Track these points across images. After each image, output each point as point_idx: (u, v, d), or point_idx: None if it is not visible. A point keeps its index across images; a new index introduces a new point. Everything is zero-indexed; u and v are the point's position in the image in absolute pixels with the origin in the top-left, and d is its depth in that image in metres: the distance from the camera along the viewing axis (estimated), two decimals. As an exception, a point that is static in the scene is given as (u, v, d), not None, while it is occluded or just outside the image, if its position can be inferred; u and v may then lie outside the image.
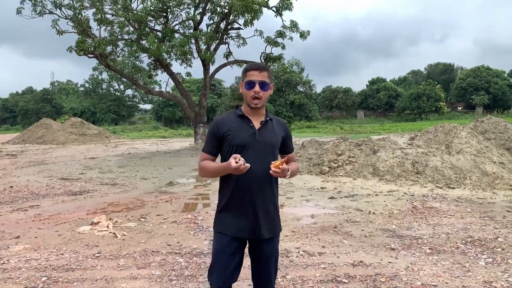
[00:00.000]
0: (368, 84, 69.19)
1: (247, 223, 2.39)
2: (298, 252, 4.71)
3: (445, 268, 4.18)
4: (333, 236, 5.38)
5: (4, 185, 10.30)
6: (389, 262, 4.38)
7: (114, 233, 5.70)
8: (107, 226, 6.05)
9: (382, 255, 4.59)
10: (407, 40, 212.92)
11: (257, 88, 2.38)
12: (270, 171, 2.27)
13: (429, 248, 4.80)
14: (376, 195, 8.05)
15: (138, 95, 65.25)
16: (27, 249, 5.04)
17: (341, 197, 7.90)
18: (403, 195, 7.92)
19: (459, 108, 63.08)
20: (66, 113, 55.16)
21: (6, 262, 4.54)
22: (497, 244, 4.91)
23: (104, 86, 63.89)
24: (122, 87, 63.42)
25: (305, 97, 45.87)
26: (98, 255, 4.75)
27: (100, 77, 61.97)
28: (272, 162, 2.31)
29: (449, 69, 78.68)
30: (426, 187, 8.56)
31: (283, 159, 2.34)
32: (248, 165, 2.20)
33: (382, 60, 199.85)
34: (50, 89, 72.79)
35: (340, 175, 9.95)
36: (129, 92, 64.35)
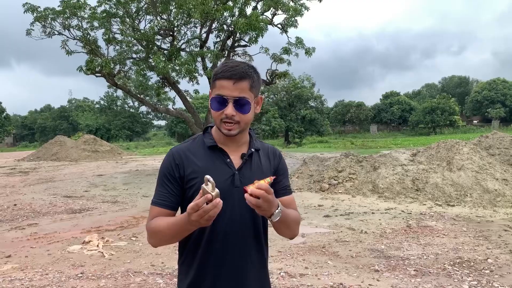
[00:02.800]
0: (381, 98, 68.88)
1: None
2: (279, 273, 4.67)
3: (425, 291, 4.09)
4: (319, 256, 5.32)
5: (9, 202, 10.50)
6: (369, 284, 4.31)
7: (102, 252, 5.75)
8: (97, 245, 6.11)
9: (364, 277, 4.52)
10: (423, 53, 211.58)
11: (229, 109, 1.48)
12: (246, 195, 1.33)
13: (414, 270, 4.70)
14: (372, 213, 7.94)
15: (152, 111, 66.21)
16: (15, 269, 5.11)
17: (336, 215, 7.82)
18: (400, 213, 7.79)
19: (475, 121, 62.11)
20: (82, 130, 56.23)
21: (-10, 282, 4.62)
22: (486, 265, 4.79)
23: (118, 103, 65.08)
24: (136, 104, 64.44)
25: (316, 112, 45.83)
26: (81, 275, 4.79)
27: (115, 94, 63.18)
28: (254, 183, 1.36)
29: (464, 82, 77.80)
30: (425, 204, 8.41)
31: (271, 177, 1.46)
32: (217, 200, 1.27)
33: (397, 73, 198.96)
34: (67, 106, 74.49)
35: (339, 192, 9.87)
36: (143, 108, 65.32)
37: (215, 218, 1.32)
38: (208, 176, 1.27)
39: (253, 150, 1.60)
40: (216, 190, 1.27)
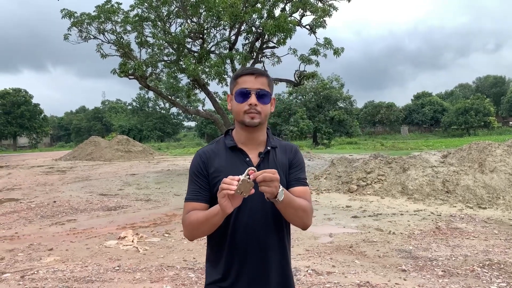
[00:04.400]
0: (413, 98, 67.46)
1: None
2: (307, 271, 4.79)
3: (452, 291, 4.11)
4: (346, 255, 5.40)
5: (49, 199, 11.06)
6: (396, 283, 4.36)
7: (137, 247, 6.03)
8: (132, 241, 6.40)
9: (391, 276, 4.57)
10: (456, 52, 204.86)
11: (253, 99, 1.66)
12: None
13: (442, 271, 4.72)
14: (401, 214, 7.92)
15: (183, 113, 67.40)
16: (57, 261, 5.45)
17: (365, 216, 7.84)
18: (429, 215, 7.74)
19: (511, 123, 59.82)
20: (115, 130, 57.89)
21: (35, 272, 4.96)
22: (517, 268, 4.74)
23: (150, 104, 66.58)
24: (167, 105, 65.77)
25: (345, 112, 45.40)
26: (118, 268, 5.07)
27: (146, 96, 64.69)
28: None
29: (500, 82, 75.03)
30: (455, 206, 8.30)
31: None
32: (236, 178, 1.45)
33: (429, 73, 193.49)
34: (101, 108, 76.88)
35: (368, 194, 9.85)
36: (174, 110, 66.58)
37: (238, 211, 1.58)
38: (251, 168, 1.49)
39: (269, 148, 1.74)
40: (245, 179, 1.44)
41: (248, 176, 1.46)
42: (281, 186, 1.52)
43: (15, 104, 61.00)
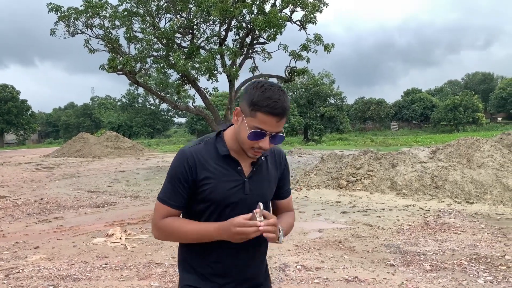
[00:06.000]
0: (403, 95, 67.91)
1: None
2: (296, 266, 4.78)
3: (440, 285, 4.13)
4: (335, 251, 5.40)
5: (36, 197, 10.91)
6: (384, 278, 4.37)
7: (125, 244, 5.96)
8: (120, 238, 6.33)
9: (379, 271, 4.58)
10: (447, 48, 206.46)
11: (266, 143, 1.54)
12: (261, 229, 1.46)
13: (429, 265, 4.74)
14: (390, 209, 7.96)
15: (172, 109, 67.08)
16: (43, 259, 5.37)
17: (354, 212, 7.86)
18: (418, 210, 7.78)
19: (499, 119, 60.64)
20: (104, 127, 57.40)
21: (20, 271, 4.88)
22: (503, 261, 4.78)
23: (140, 100, 66.13)
24: (157, 101, 65.37)
25: (336, 109, 45.60)
26: (105, 266, 5.01)
27: (136, 92, 64.22)
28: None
29: (488, 78, 75.97)
30: (444, 202, 8.36)
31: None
32: (262, 230, 1.47)
33: (419, 69, 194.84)
34: (90, 104, 76.15)
35: (357, 189, 9.88)
36: (164, 106, 66.23)
37: (230, 215, 1.56)
38: (260, 204, 1.49)
39: (263, 159, 1.68)
40: (262, 218, 1.47)
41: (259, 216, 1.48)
42: (280, 229, 1.53)
43: (1, 100, 60.15)
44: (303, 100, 45.57)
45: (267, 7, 17.17)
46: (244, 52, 18.83)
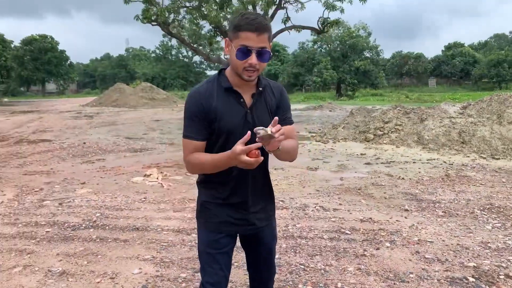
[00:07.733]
0: (443, 49, 64.79)
1: (241, 217, 1.96)
2: (315, 207, 5.19)
3: (448, 228, 4.44)
4: (353, 196, 5.76)
5: (79, 141, 11.74)
6: (397, 220, 4.72)
7: (161, 183, 6.55)
8: (157, 178, 6.93)
9: (393, 215, 4.93)
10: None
11: (254, 59, 1.72)
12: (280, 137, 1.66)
13: (442, 211, 5.03)
14: (413, 162, 8.16)
15: (205, 61, 67.14)
16: (89, 192, 6.04)
17: (377, 164, 8.12)
18: (441, 164, 7.95)
19: (547, 76, 57.11)
20: (139, 78, 58.53)
21: (71, 201, 5.55)
22: (516, 212, 5.00)
23: (173, 52, 66.50)
24: (190, 53, 65.54)
25: (371, 63, 44.39)
26: (144, 200, 5.60)
27: (169, 44, 64.49)
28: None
29: (540, 32, 70.83)
30: (468, 157, 8.46)
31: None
32: (260, 159, 1.67)
33: (466, 21, 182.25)
34: (125, 55, 77.26)
35: (384, 143, 10.06)
36: (196, 58, 66.41)
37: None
38: (258, 130, 1.63)
39: (260, 89, 1.87)
40: (269, 134, 1.62)
41: (270, 130, 1.61)
42: (268, 130, 1.67)
43: (42, 51, 61.96)
44: (337, 53, 44.54)
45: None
46: (277, 2, 18.55)
